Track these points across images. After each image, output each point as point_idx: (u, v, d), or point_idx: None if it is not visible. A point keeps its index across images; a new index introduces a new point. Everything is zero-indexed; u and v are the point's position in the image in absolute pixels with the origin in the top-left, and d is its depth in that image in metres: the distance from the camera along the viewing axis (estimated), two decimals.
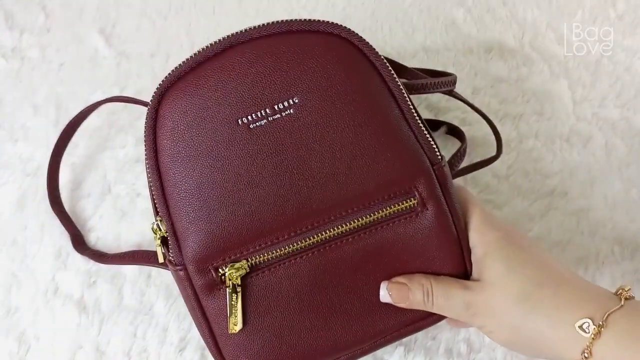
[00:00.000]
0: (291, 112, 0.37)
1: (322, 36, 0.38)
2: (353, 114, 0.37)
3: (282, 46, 0.37)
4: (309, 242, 0.38)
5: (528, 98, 0.59)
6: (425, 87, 0.46)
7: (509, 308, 0.37)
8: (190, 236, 0.37)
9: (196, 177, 0.37)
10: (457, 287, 0.39)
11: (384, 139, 0.38)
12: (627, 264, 0.51)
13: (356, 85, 0.38)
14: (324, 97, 0.37)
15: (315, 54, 0.37)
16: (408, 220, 0.39)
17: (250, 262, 0.38)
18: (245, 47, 0.37)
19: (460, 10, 0.64)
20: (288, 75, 0.37)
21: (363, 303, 0.40)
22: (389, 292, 0.39)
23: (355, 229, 0.38)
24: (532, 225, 0.53)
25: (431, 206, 0.39)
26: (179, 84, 0.37)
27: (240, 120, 0.37)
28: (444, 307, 0.39)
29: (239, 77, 0.37)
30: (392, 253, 0.39)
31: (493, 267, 0.38)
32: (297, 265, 0.39)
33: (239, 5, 0.66)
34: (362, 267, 0.39)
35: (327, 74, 0.37)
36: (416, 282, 0.39)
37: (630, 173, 0.55)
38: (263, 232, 0.38)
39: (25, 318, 0.49)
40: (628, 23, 0.63)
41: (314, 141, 0.37)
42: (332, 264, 0.39)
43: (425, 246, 0.39)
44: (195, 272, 0.38)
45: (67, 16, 0.65)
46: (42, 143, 0.57)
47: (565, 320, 0.35)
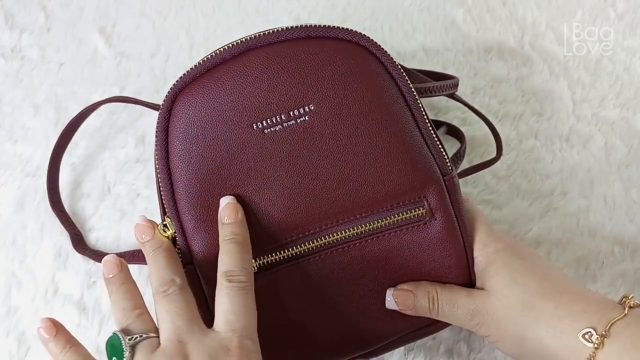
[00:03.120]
0: (306, 118, 0.37)
1: (341, 43, 0.37)
2: (367, 123, 0.37)
3: (300, 52, 0.37)
4: (315, 244, 0.38)
5: (528, 98, 0.59)
6: (430, 91, 0.46)
7: (513, 318, 0.37)
8: (199, 236, 0.37)
9: (207, 179, 0.37)
10: (463, 296, 0.39)
11: (396, 148, 0.38)
12: (627, 264, 0.51)
13: (373, 94, 0.37)
14: (339, 105, 0.37)
15: (333, 61, 0.37)
16: (416, 229, 0.39)
17: (258, 263, 0.38)
18: (263, 51, 0.37)
19: (460, 10, 0.64)
20: (305, 82, 0.37)
21: (368, 308, 0.40)
22: (395, 299, 0.39)
23: (362, 234, 0.38)
24: (532, 225, 0.53)
25: (439, 216, 0.39)
26: (194, 85, 0.37)
27: (255, 124, 0.36)
28: (449, 315, 0.39)
29: (255, 81, 0.36)
30: (398, 260, 0.39)
31: (496, 278, 0.38)
32: (303, 267, 0.39)
33: (238, 5, 0.66)
34: (368, 273, 0.39)
35: (344, 82, 0.37)
36: (422, 289, 0.39)
37: (630, 173, 0.55)
38: (271, 234, 0.38)
39: (25, 318, 0.49)
40: (628, 23, 0.63)
41: (327, 148, 0.37)
42: (337, 268, 0.39)
43: (432, 255, 0.39)
44: (203, 271, 0.38)
45: (67, 16, 0.65)
46: (42, 143, 0.57)
47: (569, 331, 0.35)
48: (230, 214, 0.36)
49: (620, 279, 0.50)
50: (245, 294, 0.34)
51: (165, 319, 0.33)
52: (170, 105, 0.37)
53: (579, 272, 0.50)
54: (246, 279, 0.35)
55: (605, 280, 0.50)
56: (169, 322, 0.33)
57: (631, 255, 0.51)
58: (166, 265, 0.36)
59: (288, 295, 0.39)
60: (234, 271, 0.35)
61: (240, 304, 0.34)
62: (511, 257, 0.39)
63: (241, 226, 0.36)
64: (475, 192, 0.54)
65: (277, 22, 0.57)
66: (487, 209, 0.53)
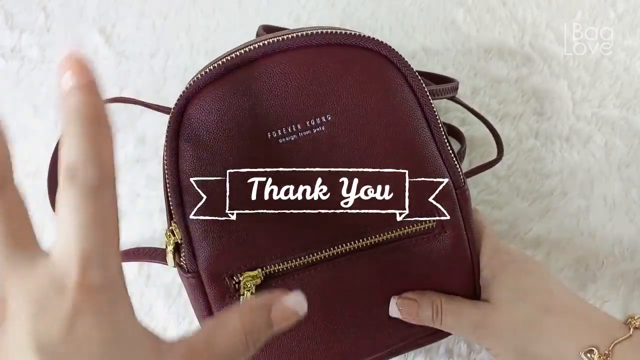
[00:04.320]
0: (322, 129, 0.36)
1: (361, 52, 0.36)
2: (383, 134, 0.37)
3: (319, 60, 0.36)
4: (324, 254, 0.38)
5: (528, 98, 0.59)
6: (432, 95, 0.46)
7: (515, 333, 0.37)
8: (205, 244, 0.37)
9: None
10: (468, 307, 0.39)
11: (411, 161, 0.37)
12: (627, 264, 0.51)
13: (391, 106, 0.37)
14: (357, 116, 0.36)
15: (352, 71, 0.36)
16: (425, 241, 0.39)
17: (265, 272, 0.37)
18: (282, 57, 0.36)
19: (460, 10, 0.64)
20: (324, 92, 0.36)
21: (372, 318, 0.40)
22: (399, 307, 0.39)
23: (371, 245, 0.38)
24: (532, 226, 0.53)
25: (449, 229, 0.39)
26: (208, 89, 0.35)
27: (270, 133, 0.36)
28: (453, 326, 0.39)
29: (272, 89, 0.35)
30: (404, 271, 0.39)
31: (501, 291, 0.38)
32: (310, 277, 0.38)
33: (238, 5, 0.66)
34: (374, 283, 0.39)
35: (363, 93, 0.36)
36: (426, 299, 0.39)
37: (630, 173, 0.55)
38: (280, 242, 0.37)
39: None
40: (628, 23, 0.63)
41: (341, 159, 0.36)
42: (345, 278, 0.38)
43: (439, 266, 0.39)
44: (208, 280, 0.37)
45: (67, 16, 0.65)
46: (42, 143, 0.57)
47: (571, 349, 0.35)
48: (77, 68, 0.24)
49: (620, 279, 0.50)
50: (97, 200, 0.24)
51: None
52: (182, 109, 0.36)
53: (579, 272, 0.50)
54: (99, 173, 0.24)
55: (605, 280, 0.50)
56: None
57: (631, 255, 0.51)
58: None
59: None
60: (80, 163, 0.24)
61: (89, 214, 0.23)
62: (517, 272, 0.39)
63: (96, 94, 0.24)
64: (475, 192, 0.54)
65: (277, 23, 0.57)
66: (487, 209, 0.53)
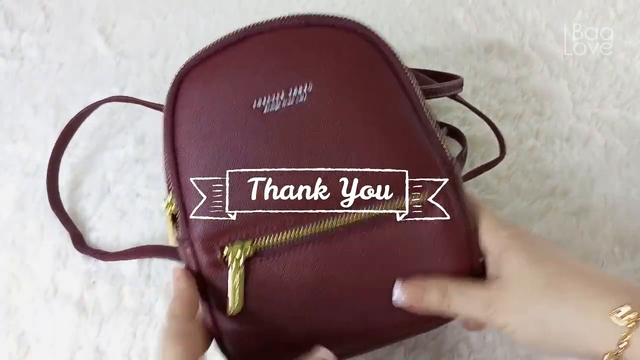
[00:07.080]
0: (303, 100, 0.38)
1: (344, 32, 0.39)
2: (364, 110, 0.38)
3: (301, 36, 0.39)
4: (314, 229, 0.38)
5: (528, 98, 0.59)
6: (436, 92, 0.46)
7: (535, 300, 0.35)
8: (199, 214, 0.38)
9: (208, 157, 0.38)
10: (476, 285, 0.37)
11: (393, 137, 0.38)
12: (627, 264, 0.51)
13: (374, 84, 0.38)
14: (338, 89, 0.38)
15: (335, 46, 0.38)
16: (417, 223, 0.38)
17: (256, 245, 0.38)
18: (266, 35, 0.39)
19: (460, 10, 0.64)
20: (305, 62, 0.38)
21: (368, 301, 0.39)
22: (404, 293, 0.38)
23: (361, 221, 0.38)
24: (532, 225, 0.53)
25: (439, 205, 0.38)
26: (199, 68, 0.39)
27: (254, 103, 0.38)
28: (462, 306, 0.37)
29: (256, 60, 0.38)
30: (399, 254, 0.39)
31: (514, 261, 0.36)
32: (302, 254, 0.38)
33: (238, 5, 0.66)
34: (368, 266, 0.39)
35: (344, 67, 0.38)
36: (431, 281, 0.38)
37: (630, 173, 0.55)
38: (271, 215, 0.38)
39: (25, 318, 0.49)
40: (628, 23, 0.63)
41: (323, 131, 0.38)
42: (337, 257, 0.38)
43: (434, 249, 0.39)
44: (201, 249, 0.38)
45: (67, 16, 0.65)
46: (41, 143, 0.57)
47: (599, 310, 0.33)
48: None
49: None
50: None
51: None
52: (176, 88, 0.39)
53: None
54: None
55: None
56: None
57: (631, 255, 0.51)
58: None
59: (284, 282, 0.38)
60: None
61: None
62: (526, 243, 0.37)
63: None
64: (475, 192, 0.54)
65: None
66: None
